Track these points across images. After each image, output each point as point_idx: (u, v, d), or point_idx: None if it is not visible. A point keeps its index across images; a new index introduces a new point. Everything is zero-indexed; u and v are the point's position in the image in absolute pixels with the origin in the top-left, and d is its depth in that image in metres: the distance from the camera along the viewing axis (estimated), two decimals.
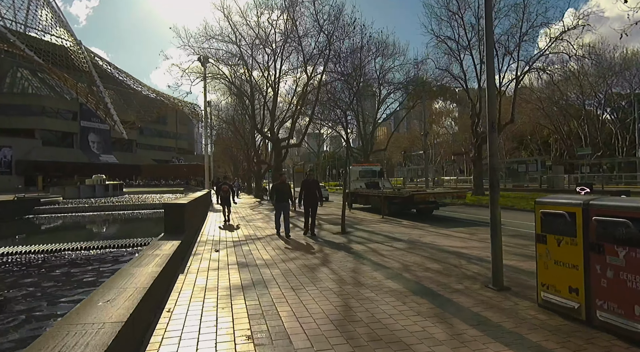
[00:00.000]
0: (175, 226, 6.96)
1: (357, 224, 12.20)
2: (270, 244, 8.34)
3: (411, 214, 14.88)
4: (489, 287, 4.77)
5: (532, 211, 4.25)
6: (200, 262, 6.45)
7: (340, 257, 6.82)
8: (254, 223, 12.72)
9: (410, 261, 6.41)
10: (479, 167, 23.69)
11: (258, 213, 16.88)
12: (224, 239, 9.19)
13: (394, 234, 9.82)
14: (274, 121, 21.73)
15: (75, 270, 10.44)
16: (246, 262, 6.41)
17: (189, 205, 7.89)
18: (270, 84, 21.46)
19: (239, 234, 10.13)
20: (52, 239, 11.84)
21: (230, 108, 32.26)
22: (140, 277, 3.70)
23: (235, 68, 22.59)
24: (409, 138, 75.27)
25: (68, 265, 10.85)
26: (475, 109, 23.31)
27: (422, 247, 7.68)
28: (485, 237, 8.97)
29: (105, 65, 77.42)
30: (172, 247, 5.49)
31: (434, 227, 11.28)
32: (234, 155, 47.63)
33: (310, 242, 8.69)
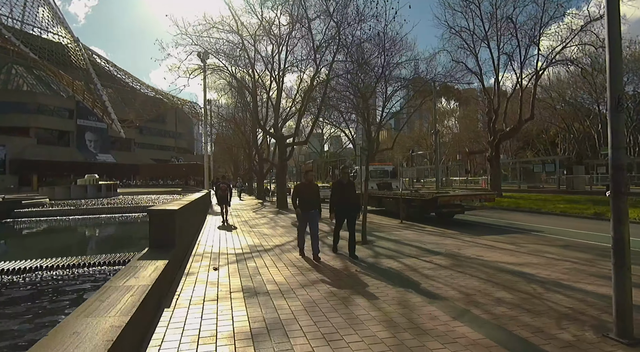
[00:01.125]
0: (163, 239, 5.47)
1: (376, 230, 10.71)
2: (281, 259, 6.84)
3: (430, 218, 13.43)
4: (612, 337, 3.27)
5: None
6: (194, 288, 4.94)
7: (374, 280, 5.32)
8: (258, 229, 11.22)
9: (468, 286, 4.91)
10: (496, 166, 22.21)
11: (261, 217, 15.38)
12: (225, 251, 7.69)
13: (425, 244, 8.34)
14: (277, 117, 20.23)
15: (15, 309, 6.87)
16: (254, 288, 4.90)
17: (182, 211, 6.39)
18: (274, 77, 19.95)
19: (242, 244, 8.63)
20: (18, 251, 10.13)
21: (231, 104, 30.76)
22: (87, 342, 2.21)
23: (236, 60, 21.08)
24: (412, 138, 73.85)
25: (15, 294, 7.63)
26: (492, 104, 21.82)
27: (471, 265, 6.19)
28: (536, 249, 7.51)
29: (103, 63, 76.00)
30: (154, 273, 4.00)
31: (465, 234, 9.81)
32: (235, 154, 46.15)
33: (328, 256, 7.19)
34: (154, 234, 5.49)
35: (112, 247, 12.18)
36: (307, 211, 6.99)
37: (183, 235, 6.94)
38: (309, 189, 7.13)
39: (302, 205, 7.01)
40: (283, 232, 10.56)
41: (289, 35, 17.51)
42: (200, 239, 9.26)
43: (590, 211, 14.59)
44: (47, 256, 9.01)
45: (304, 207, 6.99)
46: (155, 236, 5.48)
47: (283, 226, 12.00)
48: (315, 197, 7.08)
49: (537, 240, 9.18)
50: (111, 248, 10.14)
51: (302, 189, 7.20)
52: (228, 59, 20.46)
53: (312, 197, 7.04)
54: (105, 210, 16.95)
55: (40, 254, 9.10)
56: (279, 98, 20.28)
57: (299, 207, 7.06)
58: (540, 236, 10.06)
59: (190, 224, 8.46)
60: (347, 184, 7.23)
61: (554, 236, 10.03)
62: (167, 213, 5.62)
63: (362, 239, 8.70)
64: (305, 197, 7.00)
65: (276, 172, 21.19)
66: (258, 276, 5.60)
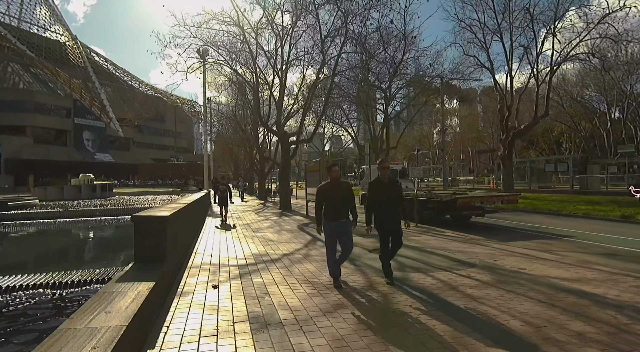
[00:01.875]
0: (151, 252, 4.50)
1: None
2: (291, 273, 5.86)
3: (446, 222, 12.48)
4: None
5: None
6: (189, 315, 3.96)
7: (410, 304, 4.34)
8: (262, 234, 10.24)
9: (531, 313, 3.94)
10: (509, 166, 21.25)
11: (264, 219, 14.40)
12: (226, 261, 6.72)
13: (452, 252, 7.38)
14: (280, 114, 19.24)
15: None
16: (263, 316, 3.92)
17: (176, 217, 5.41)
18: (277, 72, 18.96)
19: (245, 252, 7.65)
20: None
21: (231, 101, 29.78)
22: None
23: (237, 55, 20.12)
24: (415, 137, 72.85)
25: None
26: (505, 100, 20.83)
27: (518, 281, 5.21)
28: (582, 260, 6.56)
29: (101, 61, 74.97)
30: (133, 303, 3.02)
31: (491, 240, 8.87)
32: (235, 153, 45.21)
33: (348, 269, 6.20)
34: (140, 247, 4.51)
35: (95, 257, 10.90)
36: (336, 220, 5.07)
37: (177, 244, 5.96)
38: (337, 190, 5.13)
39: (330, 213, 5.07)
40: (290, 237, 9.59)
41: (293, 25, 16.52)
42: (198, 247, 8.27)
43: (615, 213, 13.66)
44: (8, 270, 7.60)
45: (332, 216, 5.06)
46: (142, 249, 4.50)
47: (289, 230, 11.03)
48: (347, 201, 5.16)
49: (573, 247, 8.24)
50: (93, 259, 9.04)
51: (328, 190, 5.15)
52: (229, 53, 19.52)
53: (343, 201, 5.11)
54: (97, 212, 15.81)
55: (15, 262, 7.94)
56: (282, 94, 19.29)
57: (325, 216, 5.10)
58: (573, 241, 9.11)
59: (186, 230, 7.47)
60: (389, 184, 5.29)
61: (588, 241, 9.08)
62: (156, 221, 4.63)
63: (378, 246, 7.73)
64: (334, 201, 5.07)
65: (279, 172, 20.21)
66: (266, 296, 4.62)
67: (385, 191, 5.23)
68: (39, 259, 11.23)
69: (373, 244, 8.56)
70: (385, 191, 5.23)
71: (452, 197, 11.28)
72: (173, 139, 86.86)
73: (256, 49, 18.25)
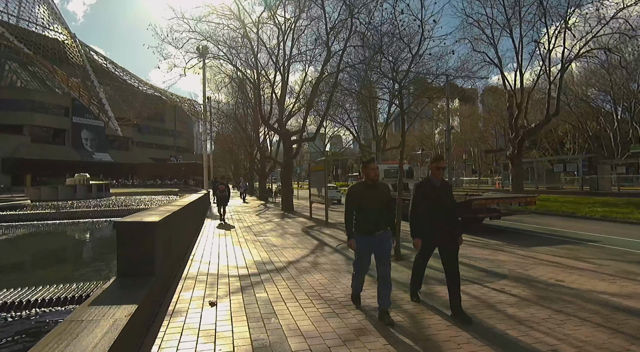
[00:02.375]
0: (136, 265, 3.81)
1: (404, 240, 9.03)
2: (300, 286, 5.16)
3: None
4: None
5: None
6: (178, 346, 3.26)
7: (439, 325, 3.66)
8: (264, 238, 9.54)
9: (592, 341, 3.25)
10: (518, 166, 20.55)
11: (266, 221, 13.71)
12: (225, 270, 6.02)
13: (475, 260, 6.70)
14: (282, 112, 18.55)
15: None
16: (270, 346, 3.23)
17: (168, 222, 4.72)
18: (279, 68, 18.25)
19: (246, 259, 6.95)
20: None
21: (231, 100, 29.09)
22: None
23: (237, 51, 19.43)
24: (417, 137, 72.16)
25: None
26: (515, 98, 20.14)
27: (561, 296, 4.52)
28: (622, 270, 5.87)
29: (101, 60, 74.30)
30: (105, 339, 2.35)
31: (512, 245, 8.23)
32: (235, 153, 44.55)
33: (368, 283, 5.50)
34: (124, 259, 3.83)
35: (78, 267, 9.56)
36: (372, 233, 3.89)
37: (170, 252, 5.27)
38: (375, 194, 3.93)
39: (365, 224, 3.90)
40: (294, 242, 8.89)
41: (297, 18, 15.81)
42: (195, 253, 7.58)
43: (636, 215, 13.00)
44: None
45: (368, 228, 3.89)
46: (125, 262, 3.82)
47: (293, 233, 10.33)
48: (387, 209, 4.01)
49: (604, 254, 7.55)
50: (75, 268, 8.11)
51: (363, 194, 3.94)
52: (229, 49, 18.82)
53: (382, 210, 3.94)
54: (90, 213, 15.00)
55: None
56: (284, 91, 18.60)
57: (358, 228, 3.94)
58: (601, 247, 8.43)
59: (182, 235, 6.78)
60: (440, 188, 4.08)
61: (617, 247, 8.38)
62: (143, 227, 3.94)
63: (395, 252, 7.05)
64: (370, 209, 3.89)
65: (281, 172, 19.53)
66: (273, 317, 3.92)
67: (438, 195, 4.04)
68: (10, 268, 9.88)
69: None
70: (438, 196, 4.04)
71: (467, 198, 10.59)
72: (172, 139, 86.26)
73: (257, 44, 17.57)
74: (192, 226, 9.58)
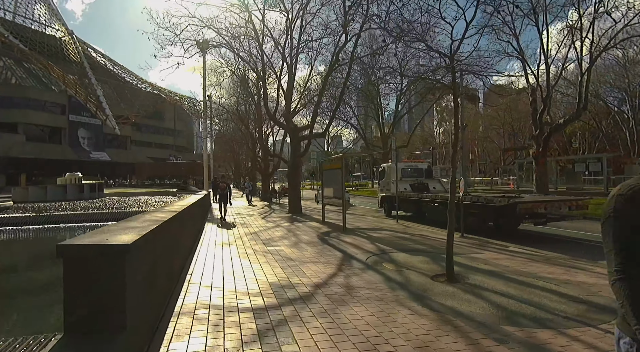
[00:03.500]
0: (94, 315, 2.31)
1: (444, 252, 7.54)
2: (340, 328, 3.64)
3: (489, 230, 10.34)
4: None
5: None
6: None
7: None
8: (276, 248, 8.03)
9: None
10: (543, 165, 19.06)
11: (274, 225, 12.19)
12: (232, 299, 4.51)
13: (554, 282, 5.20)
14: (289, 106, 17.05)
15: None
16: None
17: (149, 243, 3.19)
18: (286, 59, 16.73)
19: (258, 280, 5.44)
20: None
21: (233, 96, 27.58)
22: None
23: (241, 39, 17.96)
24: (422, 136, 70.73)
25: None
26: (542, 92, 18.64)
27: None
28: None
29: (99, 58, 72.74)
30: None
31: (578, 259, 6.77)
32: (236, 152, 43.13)
33: (425, 318, 4.00)
34: (74, 305, 2.33)
35: (24, 303, 6.52)
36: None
37: (155, 284, 3.76)
38: None
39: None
40: (313, 254, 7.39)
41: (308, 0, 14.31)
42: (194, 270, 6.08)
43: None
44: None
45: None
46: (77, 311, 2.32)
47: (309, 241, 8.82)
48: None
49: None
50: (19, 307, 5.75)
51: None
52: (232, 37, 17.34)
53: None
54: (75, 217, 13.34)
55: None
56: (292, 84, 17.11)
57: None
58: None
59: (174, 252, 5.26)
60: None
61: None
62: (106, 255, 2.43)
63: (446, 271, 5.56)
64: None
65: (288, 171, 18.05)
66: None
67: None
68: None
69: (428, 264, 6.40)
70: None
71: (511, 201, 9.09)
72: (172, 138, 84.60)
73: (263, 30, 16.08)
74: (190, 234, 8.07)
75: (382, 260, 6.84)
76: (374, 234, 10.09)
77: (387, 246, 8.13)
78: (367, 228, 11.30)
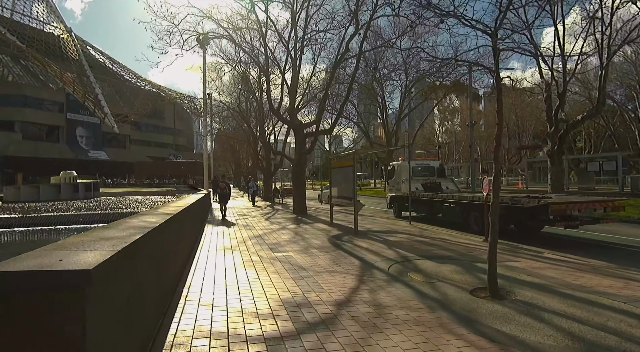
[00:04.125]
0: None
1: (479, 260, 6.74)
2: None
3: (509, 232, 9.56)
4: None
5: None
6: None
7: None
8: (284, 254, 7.18)
9: None
10: (559, 163, 18.20)
11: (279, 227, 11.34)
12: (239, 323, 3.68)
13: (621, 299, 4.36)
14: (294, 101, 16.21)
15: None
16: None
17: (123, 266, 2.33)
18: (290, 51, 15.89)
19: (268, 297, 4.60)
20: None
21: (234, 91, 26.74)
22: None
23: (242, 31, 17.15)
24: (424, 136, 69.85)
25: None
26: (557, 86, 17.77)
27: None
28: None
29: (97, 55, 71.98)
30: None
31: (627, 269, 5.88)
32: (237, 150, 42.37)
33: (475, 347, 3.15)
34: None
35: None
36: None
37: (140, 310, 2.91)
38: None
39: None
40: (327, 261, 6.55)
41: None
42: (191, 283, 5.23)
43: None
44: None
45: None
46: None
47: (320, 247, 7.96)
48: None
49: None
50: None
51: None
52: (234, 30, 16.53)
53: None
54: (65, 219, 12.41)
55: None
56: (296, 77, 16.26)
57: None
58: None
59: (166, 265, 4.41)
60: None
61: None
62: (50, 288, 1.57)
63: (489, 285, 4.71)
64: None
65: (293, 169, 17.21)
66: None
67: None
68: None
69: (461, 275, 5.56)
70: None
71: (542, 202, 8.25)
72: (172, 137, 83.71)
73: (266, 22, 15.25)
74: (188, 239, 7.23)
75: (407, 269, 6.01)
76: (389, 237, 9.25)
77: (408, 252, 7.29)
78: (380, 231, 10.46)
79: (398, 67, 35.05)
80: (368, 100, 40.04)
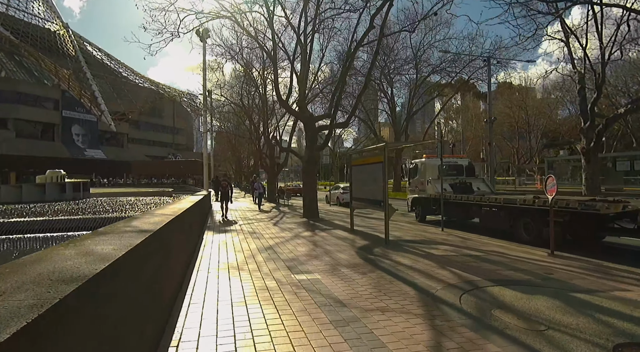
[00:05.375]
0: None
1: (548, 284, 5.04)
2: None
3: (571, 244, 7.91)
4: None
5: None
6: None
7: None
8: (307, 275, 5.47)
9: None
10: (594, 162, 16.49)
11: (292, 235, 9.62)
12: None
13: None
14: (304, 91, 14.52)
15: None
16: None
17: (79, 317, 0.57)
18: (300, 36, 14.19)
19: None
20: None
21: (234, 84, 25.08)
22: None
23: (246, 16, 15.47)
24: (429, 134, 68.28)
25: None
26: (595, 77, 16.04)
27: None
28: None
29: (95, 52, 70.31)
30: None
31: None
32: (238, 149, 40.72)
33: None
34: None
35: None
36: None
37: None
38: None
39: None
40: (369, 287, 4.83)
41: None
42: (187, 315, 3.52)
43: None
44: None
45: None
46: None
47: (351, 264, 6.23)
48: None
49: None
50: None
51: None
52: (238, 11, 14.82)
53: None
54: (39, 225, 10.36)
55: None
56: (306, 66, 14.58)
57: None
58: None
59: (155, 288, 2.66)
60: None
61: None
62: None
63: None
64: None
65: (303, 168, 15.52)
66: None
67: None
68: None
69: (574, 317, 3.80)
70: None
71: (628, 208, 6.55)
72: (171, 136, 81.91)
73: (274, 2, 13.54)
74: (180, 256, 5.50)
75: (485, 302, 4.31)
76: (429, 249, 7.55)
77: (468, 273, 5.58)
78: (413, 240, 8.76)
79: (408, 61, 33.46)
80: (374, 96, 38.50)
